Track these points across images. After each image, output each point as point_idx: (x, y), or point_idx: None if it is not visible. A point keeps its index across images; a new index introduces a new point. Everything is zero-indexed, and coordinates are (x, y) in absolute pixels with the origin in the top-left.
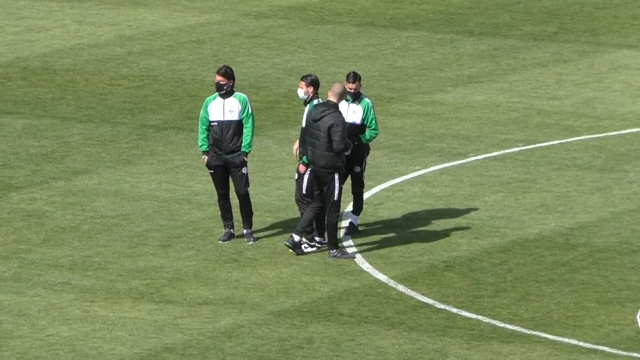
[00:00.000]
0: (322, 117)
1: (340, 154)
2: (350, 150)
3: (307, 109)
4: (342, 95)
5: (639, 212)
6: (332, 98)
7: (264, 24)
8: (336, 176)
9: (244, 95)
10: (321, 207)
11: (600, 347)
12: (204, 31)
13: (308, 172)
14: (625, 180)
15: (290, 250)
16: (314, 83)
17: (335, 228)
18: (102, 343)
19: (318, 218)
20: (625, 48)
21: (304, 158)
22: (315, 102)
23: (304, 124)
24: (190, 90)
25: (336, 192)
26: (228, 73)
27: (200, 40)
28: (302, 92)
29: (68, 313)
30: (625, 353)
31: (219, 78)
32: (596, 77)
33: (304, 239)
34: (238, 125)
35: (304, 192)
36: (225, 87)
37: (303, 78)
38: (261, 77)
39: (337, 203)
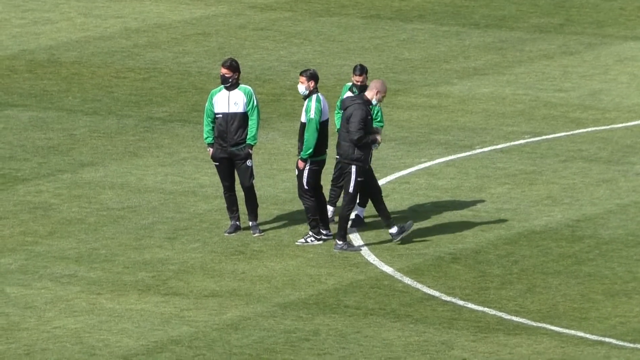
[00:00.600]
0: (347, 107)
1: (359, 147)
2: (376, 146)
3: (306, 103)
4: (372, 90)
5: None
6: (367, 92)
7: (270, 16)
8: (353, 169)
9: (249, 88)
10: (375, 194)
11: (607, 339)
12: (210, 23)
13: (307, 167)
14: (632, 172)
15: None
16: (314, 77)
17: (346, 221)
18: (109, 335)
19: (323, 210)
20: (631, 40)
21: (302, 154)
22: (314, 96)
23: (303, 119)
24: (196, 83)
25: (351, 184)
26: (233, 65)
27: (206, 32)
28: (303, 87)
29: (74, 305)
30: (631, 345)
31: (224, 70)
32: (602, 69)
33: (310, 232)
34: (243, 117)
35: (305, 187)
36: (230, 80)
37: (302, 73)
38: (267, 69)
39: (353, 196)
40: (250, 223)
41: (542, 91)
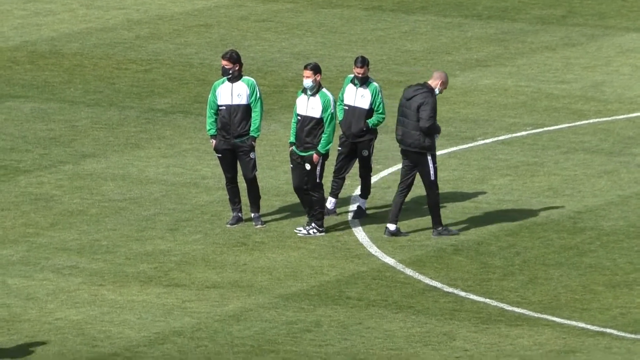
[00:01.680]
0: (413, 96)
1: (428, 134)
2: (437, 136)
3: (320, 99)
4: (436, 80)
5: None
6: (430, 81)
7: (272, 7)
8: (429, 157)
9: (252, 80)
10: (407, 189)
11: (608, 330)
12: (212, 15)
13: (320, 160)
14: (633, 164)
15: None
16: (319, 69)
17: (437, 206)
18: (110, 327)
19: (323, 203)
20: (633, 31)
21: (321, 148)
22: (326, 91)
23: (301, 112)
24: (198, 74)
25: (431, 172)
26: (234, 57)
27: (208, 24)
28: (309, 81)
29: (76, 297)
30: (632, 336)
31: (224, 62)
32: (604, 60)
33: (313, 224)
34: (246, 109)
35: (318, 180)
36: (230, 72)
37: (307, 67)
38: (269, 61)
39: (435, 182)
40: (252, 214)
41: (544, 83)
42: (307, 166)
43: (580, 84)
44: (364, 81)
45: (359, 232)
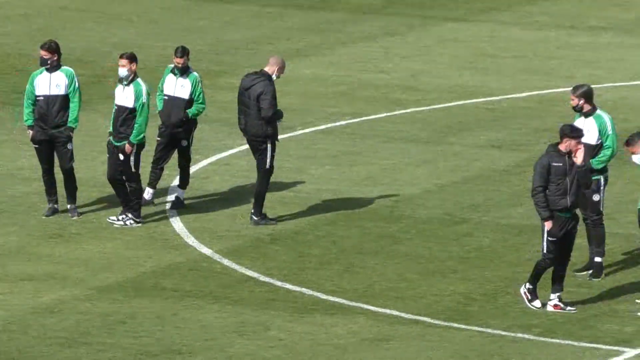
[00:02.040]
0: (252, 86)
1: (270, 122)
2: (281, 121)
3: (133, 88)
4: (273, 66)
5: (462, 184)
6: (267, 67)
7: None
8: (268, 145)
9: (71, 70)
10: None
11: (421, 318)
12: (31, 5)
13: (134, 151)
14: (450, 153)
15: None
16: (135, 59)
17: (263, 196)
18: None
19: (140, 193)
20: (452, 21)
21: (133, 138)
22: (140, 80)
23: (117, 102)
24: (16, 65)
25: (267, 160)
26: (52, 47)
27: (27, 14)
28: (125, 70)
29: None
30: (445, 323)
31: (43, 52)
32: (423, 50)
33: (129, 215)
34: (64, 99)
35: (133, 170)
36: (49, 62)
37: (123, 56)
38: (89, 50)
39: (269, 171)
40: (69, 206)
41: (363, 72)
42: (121, 156)
43: (399, 74)
44: (184, 71)
45: (177, 223)
